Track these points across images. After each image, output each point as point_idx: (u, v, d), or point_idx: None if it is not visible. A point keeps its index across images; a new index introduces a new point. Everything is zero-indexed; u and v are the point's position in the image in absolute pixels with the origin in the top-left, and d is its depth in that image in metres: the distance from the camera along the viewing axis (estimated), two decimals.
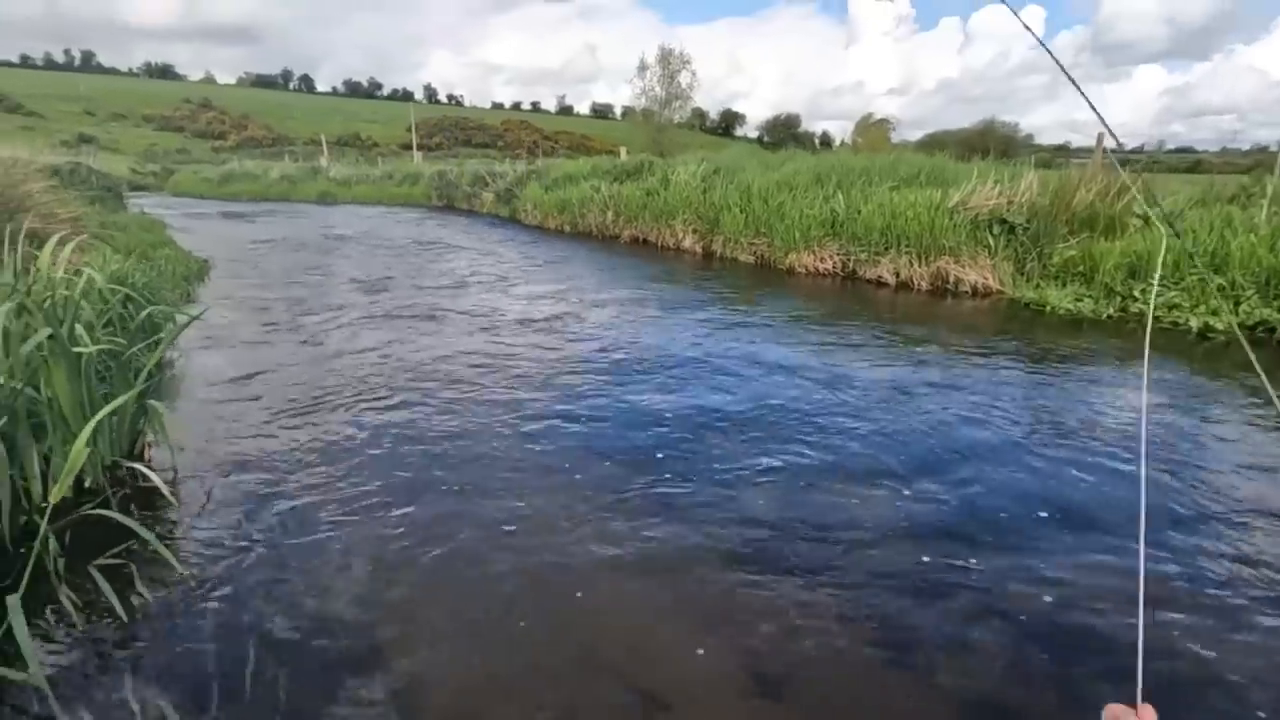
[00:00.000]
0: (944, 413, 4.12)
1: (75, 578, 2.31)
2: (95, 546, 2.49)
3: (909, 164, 10.38)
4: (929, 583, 2.44)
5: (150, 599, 2.31)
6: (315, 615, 2.23)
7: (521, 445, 3.58)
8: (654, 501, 3.00)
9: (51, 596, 2.23)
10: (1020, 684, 2.00)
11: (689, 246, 11.61)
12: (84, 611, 2.20)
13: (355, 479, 3.16)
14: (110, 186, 16.72)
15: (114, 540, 2.52)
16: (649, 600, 2.36)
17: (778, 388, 4.54)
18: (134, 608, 2.25)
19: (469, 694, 1.94)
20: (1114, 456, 3.51)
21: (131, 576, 2.39)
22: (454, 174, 22.54)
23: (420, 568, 2.49)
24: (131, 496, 2.98)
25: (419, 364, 4.95)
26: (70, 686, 1.92)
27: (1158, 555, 2.62)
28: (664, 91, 53.18)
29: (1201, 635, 2.17)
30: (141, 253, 7.58)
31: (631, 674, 2.02)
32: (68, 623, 2.16)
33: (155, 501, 2.94)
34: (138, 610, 2.25)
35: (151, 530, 2.72)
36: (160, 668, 2.00)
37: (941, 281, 8.20)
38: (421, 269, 9.55)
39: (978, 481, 3.23)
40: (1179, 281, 6.66)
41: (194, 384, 4.54)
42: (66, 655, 2.05)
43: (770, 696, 1.95)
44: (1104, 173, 8.52)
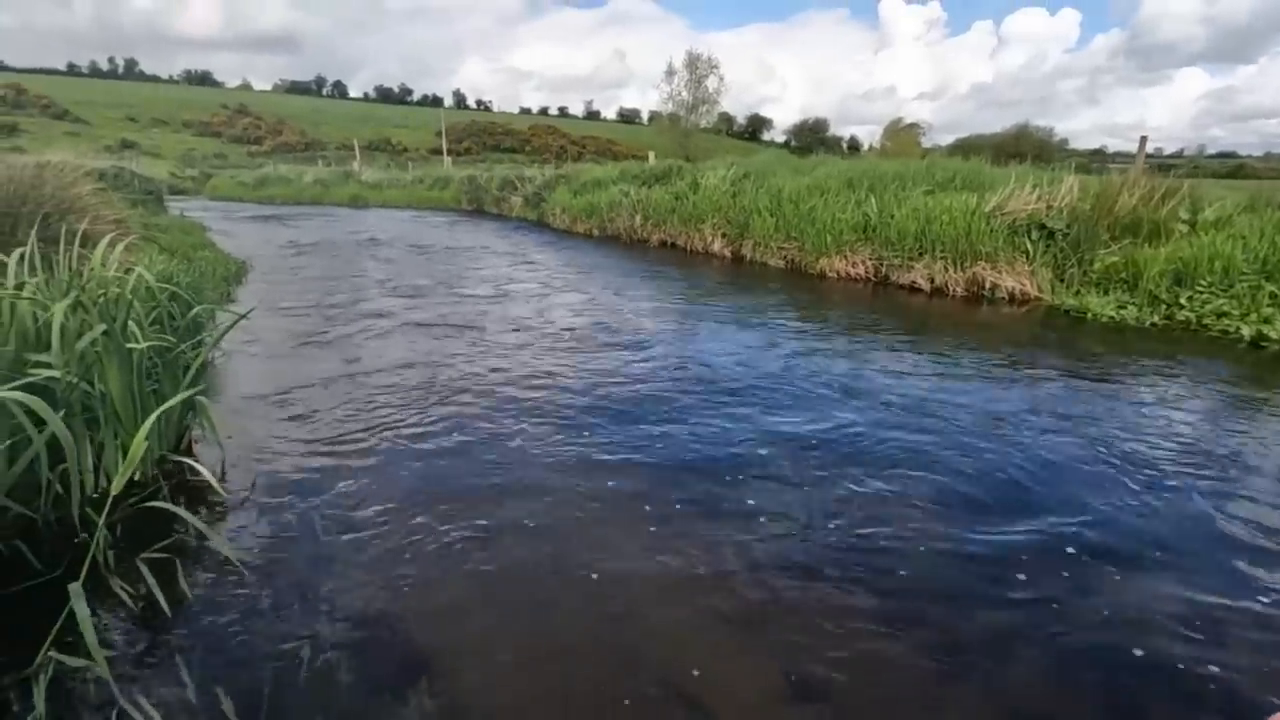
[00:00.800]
0: (1025, 434, 4.03)
1: (128, 568, 2.35)
2: (146, 538, 2.54)
3: (943, 168, 10.23)
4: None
5: (201, 589, 2.34)
6: (359, 610, 2.25)
7: (577, 458, 3.57)
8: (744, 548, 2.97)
9: (106, 586, 2.27)
10: None
11: (718, 250, 11.57)
12: (139, 601, 2.24)
13: (398, 479, 3.19)
14: (151, 190, 17.20)
15: (163, 532, 2.57)
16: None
17: (851, 409, 4.48)
18: (186, 598, 2.29)
19: (521, 705, 1.93)
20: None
21: (183, 567, 2.42)
22: (483, 179, 22.78)
23: (467, 572, 2.49)
24: (179, 490, 3.04)
25: (461, 369, 4.97)
26: (127, 675, 1.95)
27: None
28: (691, 96, 53.31)
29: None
30: (183, 254, 7.78)
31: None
32: (123, 612, 2.20)
33: (202, 495, 2.99)
34: (190, 600, 2.28)
35: (203, 521, 2.79)
36: (213, 657, 2.03)
37: (977, 287, 8.05)
38: (456, 273, 9.63)
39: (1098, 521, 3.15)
40: (1228, 288, 6.46)
41: (237, 382, 4.62)
42: (121, 644, 2.08)
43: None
44: (1146, 177, 8.31)
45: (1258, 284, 6.30)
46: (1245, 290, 6.33)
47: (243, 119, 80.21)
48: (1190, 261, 6.81)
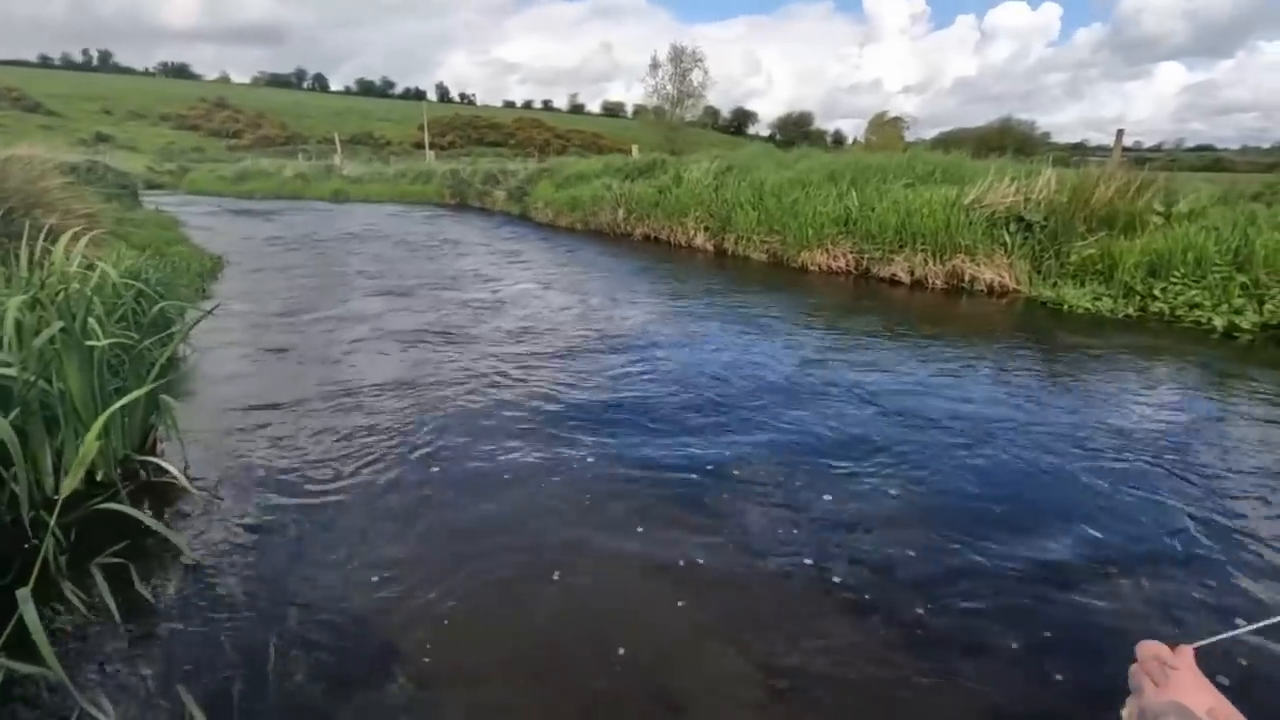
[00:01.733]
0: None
1: (81, 573, 2.30)
2: (107, 539, 2.48)
3: (924, 161, 10.27)
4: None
5: (162, 591, 2.29)
6: (326, 611, 2.21)
7: (553, 456, 3.55)
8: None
9: (59, 590, 2.22)
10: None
11: (701, 244, 11.55)
12: (93, 605, 2.19)
13: (370, 478, 3.15)
14: (126, 184, 16.88)
15: (127, 534, 2.52)
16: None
17: (833, 404, 4.48)
18: (146, 600, 2.24)
19: (488, 694, 1.91)
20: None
21: (146, 568, 2.37)
22: (466, 172, 22.60)
23: (437, 565, 2.47)
24: (144, 490, 2.98)
25: (438, 369, 4.92)
26: (85, 681, 1.90)
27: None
28: (676, 90, 53.06)
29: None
30: (156, 249, 7.63)
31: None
32: (79, 616, 2.15)
33: (168, 495, 2.94)
34: (149, 602, 2.23)
35: (164, 523, 2.73)
36: (173, 660, 1.99)
37: (957, 280, 8.10)
38: (437, 269, 9.56)
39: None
40: (1201, 280, 6.54)
41: (209, 380, 4.55)
42: (78, 649, 2.04)
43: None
44: (1123, 170, 8.39)
45: (1229, 275, 6.38)
46: (1217, 281, 6.41)
47: (221, 112, 78.99)
48: (1164, 253, 6.88)
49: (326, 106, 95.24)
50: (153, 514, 2.78)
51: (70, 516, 2.45)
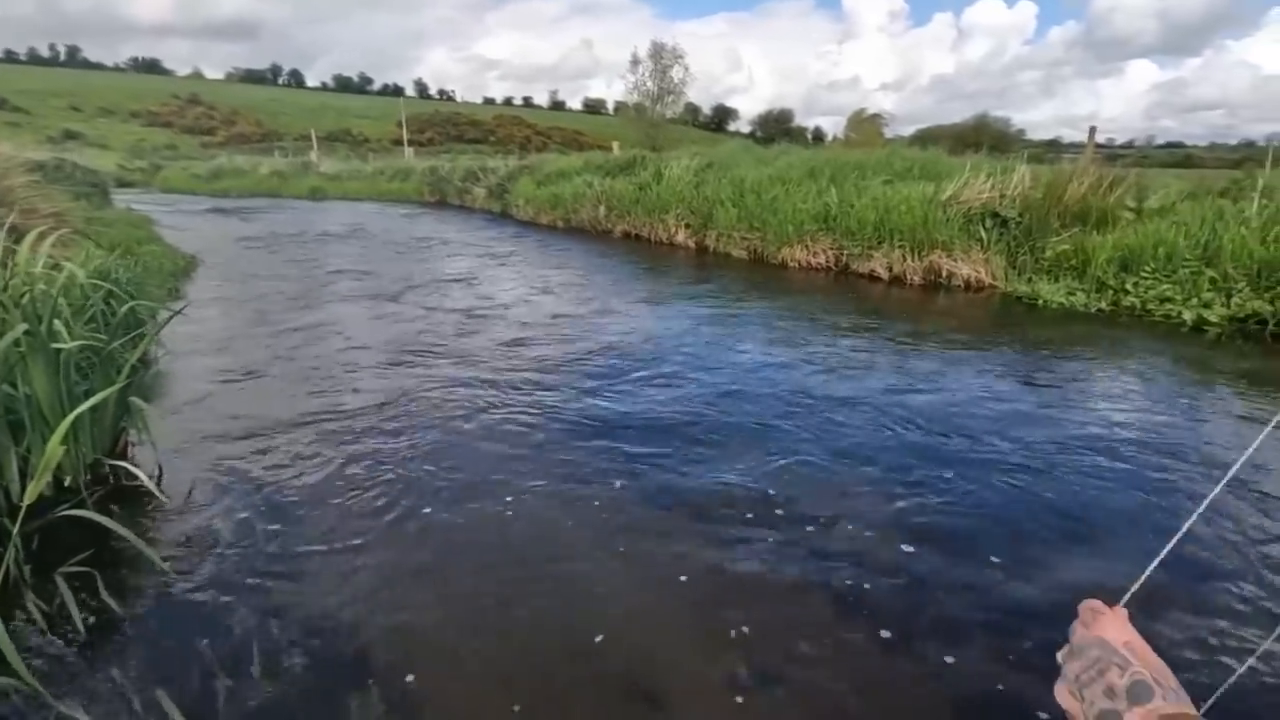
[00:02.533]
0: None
1: (46, 581, 2.24)
2: (77, 546, 2.43)
3: (902, 158, 10.36)
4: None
5: (130, 599, 2.25)
6: (300, 616, 2.18)
7: (531, 457, 3.53)
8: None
9: (22, 599, 2.17)
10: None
11: (682, 241, 11.56)
12: (59, 614, 2.14)
13: (345, 480, 3.11)
14: (96, 183, 16.51)
15: (96, 540, 2.47)
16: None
17: (816, 403, 4.51)
18: (114, 609, 2.19)
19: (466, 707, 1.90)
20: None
21: (112, 577, 2.33)
22: (446, 170, 22.42)
23: (416, 572, 2.45)
24: (115, 495, 2.92)
25: (416, 371, 4.87)
26: (53, 689, 1.86)
27: None
28: (656, 86, 53.03)
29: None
30: (127, 249, 7.47)
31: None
32: (46, 625, 2.10)
33: (139, 500, 2.89)
34: (117, 611, 2.19)
35: (135, 528, 2.68)
36: (143, 670, 1.95)
37: (934, 276, 8.18)
38: (414, 267, 9.47)
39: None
40: (1171, 274, 6.67)
41: (181, 383, 4.47)
42: (41, 658, 1.99)
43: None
44: (1096, 167, 8.53)
45: (1199, 269, 6.51)
46: (1187, 276, 6.53)
47: (195, 109, 77.53)
48: (1136, 248, 7.00)
49: (303, 103, 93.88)
50: (123, 520, 2.72)
51: (35, 524, 2.39)
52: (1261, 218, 6.79)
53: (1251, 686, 1.87)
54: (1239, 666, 1.73)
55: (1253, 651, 1.97)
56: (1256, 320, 5.94)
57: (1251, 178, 7.91)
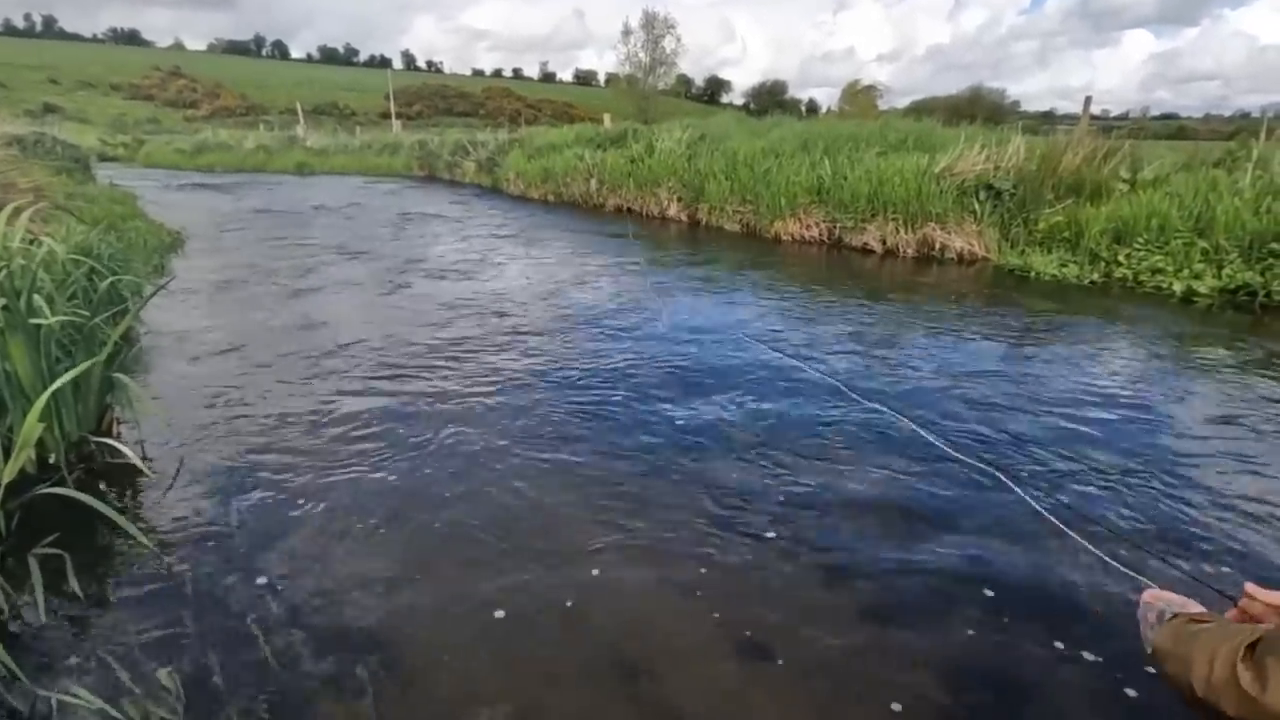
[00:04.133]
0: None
1: (24, 560, 2.22)
2: (61, 524, 2.41)
3: (896, 129, 10.25)
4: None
5: (114, 577, 2.24)
6: (291, 594, 2.18)
7: (522, 434, 3.52)
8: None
9: (12, 575, 2.15)
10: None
11: (674, 215, 11.46)
12: (38, 592, 2.13)
13: (335, 453, 3.09)
14: (78, 157, 16.20)
15: (83, 518, 2.45)
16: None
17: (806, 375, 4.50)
18: (95, 587, 2.18)
19: (463, 679, 1.90)
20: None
21: (94, 555, 2.32)
22: (435, 143, 22.06)
23: (407, 544, 2.44)
24: (100, 474, 2.90)
25: (408, 349, 4.81)
26: (30, 668, 1.86)
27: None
28: (648, 58, 52.31)
29: None
30: (110, 224, 7.34)
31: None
32: (16, 606, 2.09)
33: (125, 478, 2.86)
34: (99, 589, 2.18)
35: (122, 506, 2.67)
36: (125, 647, 1.94)
37: (927, 248, 8.16)
38: (403, 244, 9.36)
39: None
40: (1163, 246, 6.66)
41: (170, 359, 4.42)
42: (18, 638, 1.98)
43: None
44: (1090, 138, 8.47)
45: (1191, 241, 6.51)
46: (1179, 247, 6.53)
47: (177, 81, 75.79)
48: (1129, 220, 6.99)
49: (287, 75, 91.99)
50: (110, 497, 2.71)
51: (16, 501, 2.36)
52: (1255, 189, 6.78)
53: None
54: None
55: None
56: (1247, 291, 5.96)
57: (1246, 149, 7.86)
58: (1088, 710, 1.79)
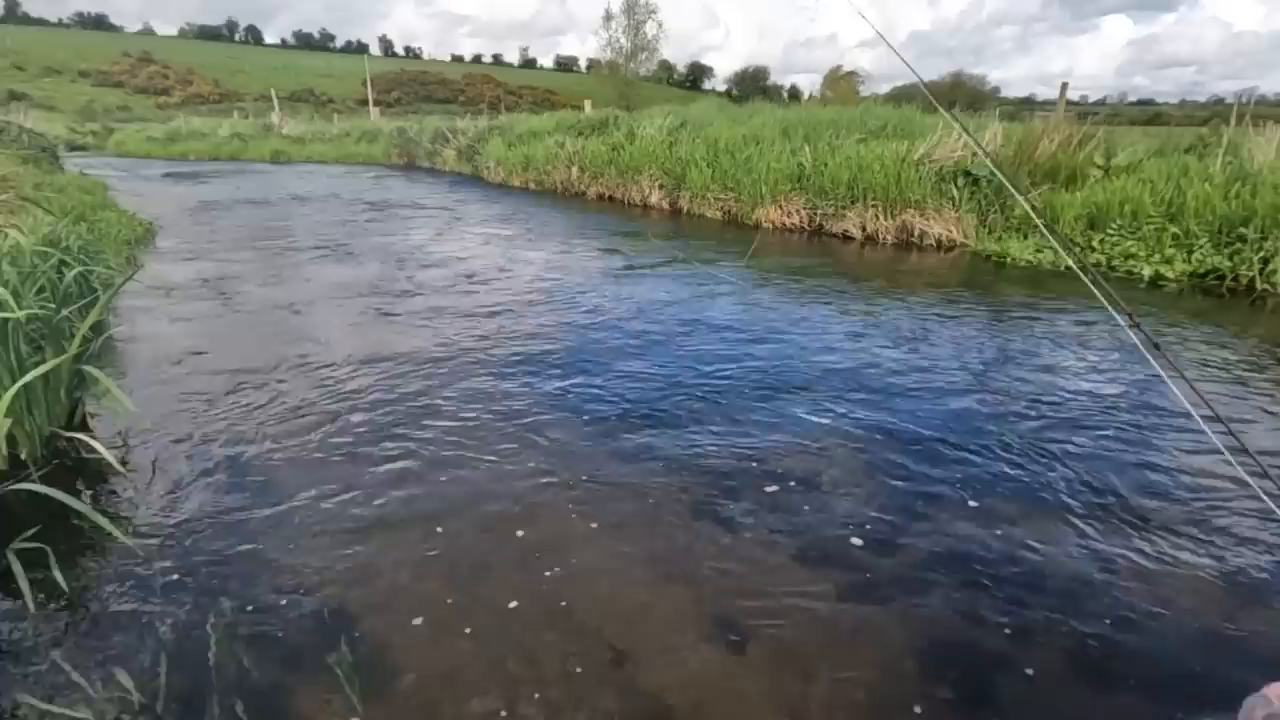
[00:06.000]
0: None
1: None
2: (33, 522, 2.38)
3: (876, 116, 10.29)
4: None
5: (85, 575, 2.23)
6: (261, 588, 2.18)
7: (499, 432, 3.52)
8: None
9: None
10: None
11: (656, 203, 11.43)
12: (10, 592, 2.11)
13: (312, 446, 3.08)
14: (45, 146, 15.82)
15: (55, 515, 2.42)
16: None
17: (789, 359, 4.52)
18: (66, 585, 2.16)
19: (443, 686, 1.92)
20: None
21: (65, 554, 2.29)
22: (414, 131, 21.79)
23: (386, 538, 2.45)
24: (73, 470, 2.86)
25: (387, 342, 4.79)
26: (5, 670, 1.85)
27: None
28: (629, 43, 51.92)
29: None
30: (79, 215, 7.19)
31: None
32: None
33: (102, 473, 2.83)
34: (70, 587, 2.16)
35: (95, 501, 2.64)
36: (94, 647, 1.94)
37: (907, 235, 8.22)
38: (381, 235, 9.26)
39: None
40: (1136, 231, 6.77)
41: (143, 352, 4.36)
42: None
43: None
44: (1066, 124, 8.55)
45: (1162, 226, 6.62)
46: (1151, 232, 6.64)
47: (147, 68, 74.11)
48: (1103, 205, 7.09)
49: (262, 61, 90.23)
50: (83, 492, 2.68)
51: None
52: (1225, 174, 6.90)
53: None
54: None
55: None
56: (1215, 276, 6.08)
57: (1216, 134, 7.99)
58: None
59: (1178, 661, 1.90)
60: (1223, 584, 2.20)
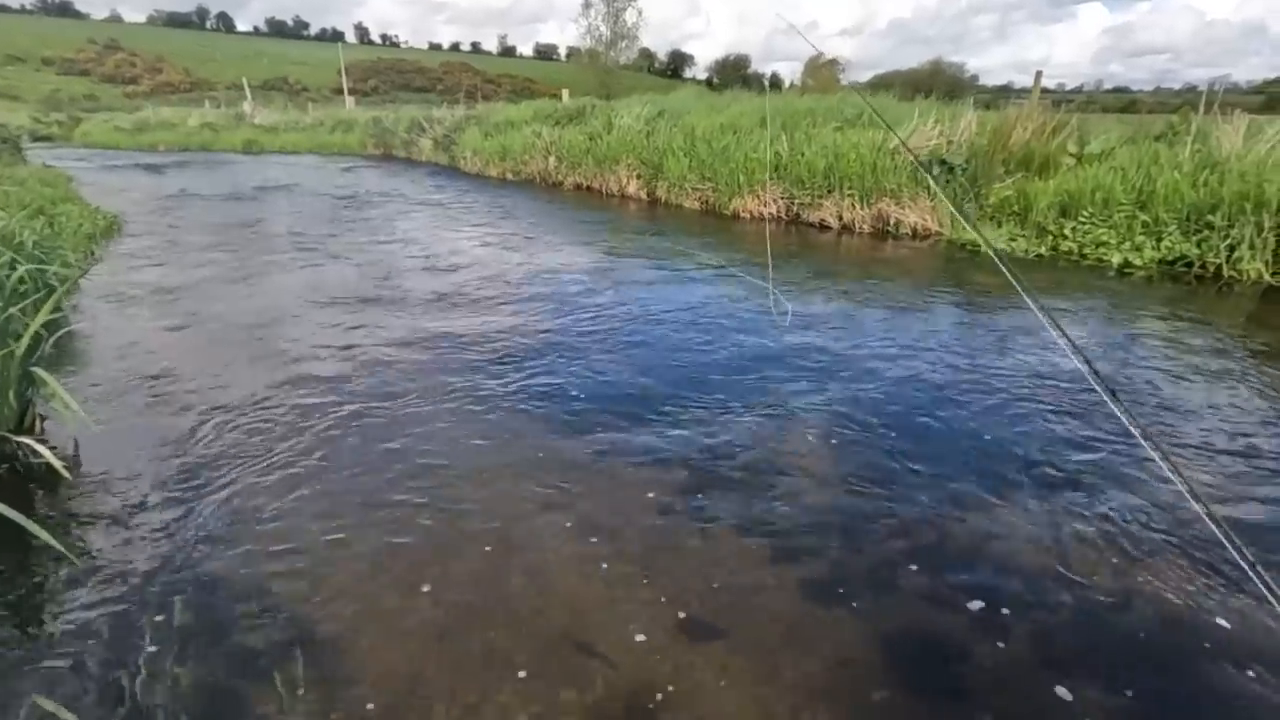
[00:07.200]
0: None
1: None
2: None
3: (853, 105, 10.26)
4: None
5: (25, 587, 2.15)
6: (212, 601, 2.12)
7: (470, 430, 3.46)
8: None
9: None
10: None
11: (634, 193, 11.35)
12: None
13: (271, 452, 3.01)
14: (6, 137, 15.39)
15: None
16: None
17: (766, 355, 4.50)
18: (6, 599, 2.10)
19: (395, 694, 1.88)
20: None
21: (13, 561, 2.22)
22: (390, 120, 21.44)
23: (348, 555, 2.39)
24: (24, 475, 2.77)
25: (355, 328, 4.71)
26: None
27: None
28: (609, 31, 51.40)
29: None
30: (37, 209, 6.98)
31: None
32: None
33: (51, 479, 2.74)
34: (12, 601, 2.09)
35: (43, 508, 2.56)
36: (27, 669, 1.87)
37: (883, 224, 8.23)
38: (351, 227, 9.11)
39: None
40: (1108, 219, 6.82)
41: (101, 351, 4.24)
42: None
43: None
44: (1040, 112, 8.59)
45: (1133, 214, 6.68)
46: (1122, 220, 6.70)
47: (114, 55, 72.17)
48: (1075, 193, 7.13)
49: (234, 49, 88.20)
50: (36, 499, 2.60)
51: None
52: (1194, 161, 6.97)
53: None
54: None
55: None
56: (1184, 263, 6.15)
57: (1186, 122, 8.06)
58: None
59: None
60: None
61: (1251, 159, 6.53)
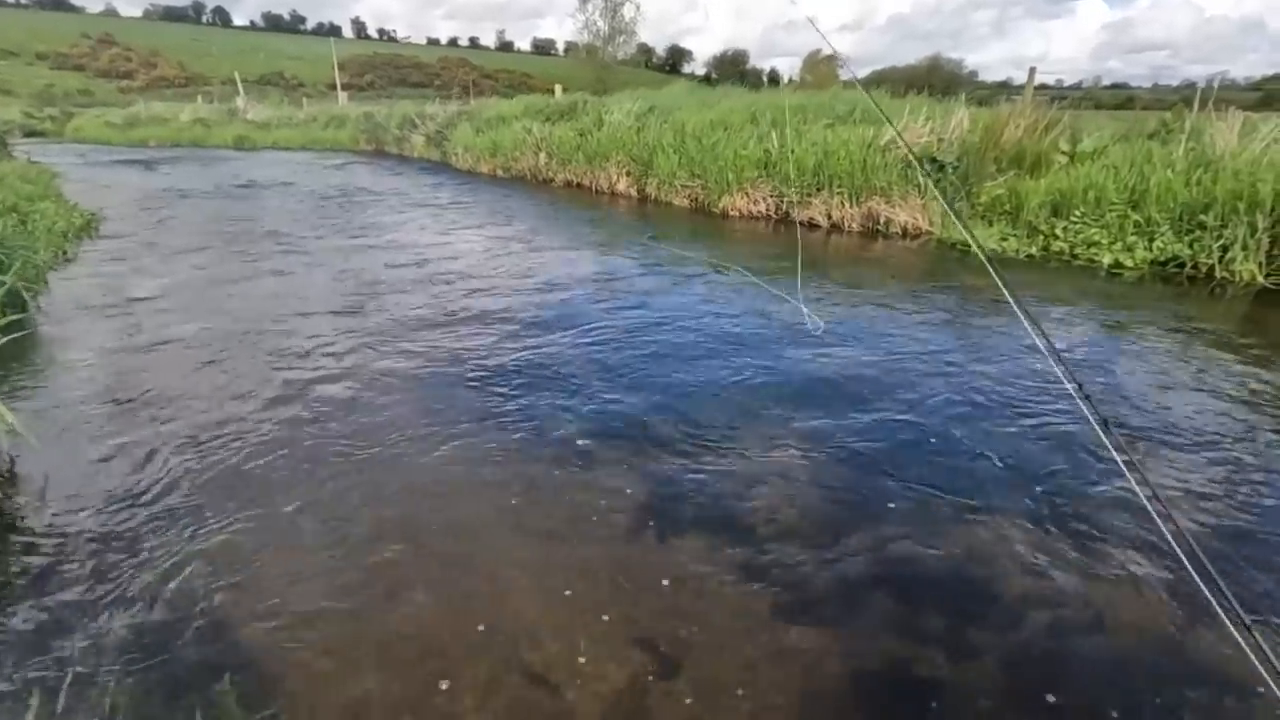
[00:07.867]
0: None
1: None
2: None
3: (845, 101, 10.14)
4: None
5: None
6: (157, 620, 2.02)
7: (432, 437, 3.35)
8: None
9: None
10: None
11: (624, 190, 11.23)
12: None
13: (230, 463, 2.90)
14: None
15: None
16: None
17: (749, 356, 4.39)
18: None
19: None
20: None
21: None
22: (382, 116, 21.28)
23: (304, 570, 2.29)
24: None
25: (329, 334, 4.60)
26: None
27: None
28: (607, 26, 51.22)
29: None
30: (10, 206, 6.86)
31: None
32: None
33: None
34: None
35: None
36: None
37: (873, 222, 8.12)
38: (336, 225, 9.00)
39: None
40: (1100, 218, 6.71)
41: (63, 358, 4.11)
42: None
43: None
44: (1034, 109, 8.46)
45: (1125, 213, 6.56)
46: (1114, 220, 6.58)
47: (109, 50, 71.75)
48: (1067, 192, 7.01)
49: (230, 44, 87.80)
50: None
51: None
52: (1187, 160, 6.85)
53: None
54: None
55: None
56: (1176, 264, 6.05)
57: (1179, 120, 7.94)
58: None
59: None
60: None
61: (1245, 158, 6.41)
